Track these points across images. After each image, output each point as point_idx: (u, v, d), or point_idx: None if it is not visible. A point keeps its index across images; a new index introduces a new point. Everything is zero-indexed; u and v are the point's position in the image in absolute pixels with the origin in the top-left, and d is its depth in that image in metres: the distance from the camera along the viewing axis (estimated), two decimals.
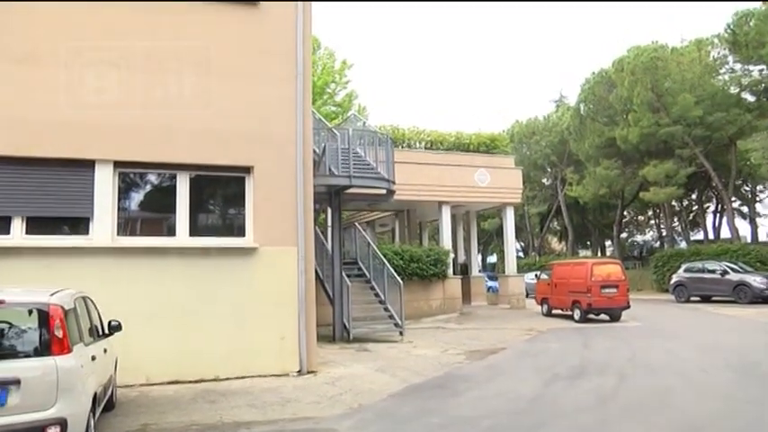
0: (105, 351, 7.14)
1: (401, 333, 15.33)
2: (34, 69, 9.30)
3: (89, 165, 9.51)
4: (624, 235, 53.89)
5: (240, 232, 10.37)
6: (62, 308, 5.70)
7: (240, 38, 10.55)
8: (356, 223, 21.31)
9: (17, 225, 9.16)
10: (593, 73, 40.41)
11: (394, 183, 15.73)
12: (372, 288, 16.44)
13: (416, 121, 64.79)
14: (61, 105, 9.34)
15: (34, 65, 9.31)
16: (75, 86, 9.43)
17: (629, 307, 19.30)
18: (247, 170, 10.37)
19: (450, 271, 22.31)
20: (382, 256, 16.57)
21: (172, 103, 9.92)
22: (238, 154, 10.25)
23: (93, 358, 6.35)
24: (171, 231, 10.02)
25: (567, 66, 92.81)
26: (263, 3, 10.68)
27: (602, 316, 19.57)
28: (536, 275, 24.96)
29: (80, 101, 9.44)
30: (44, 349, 5.42)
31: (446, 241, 22.88)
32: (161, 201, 10.31)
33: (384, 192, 15.82)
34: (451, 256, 22.79)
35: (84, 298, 6.99)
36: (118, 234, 9.67)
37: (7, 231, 9.12)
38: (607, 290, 18.85)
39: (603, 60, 76.77)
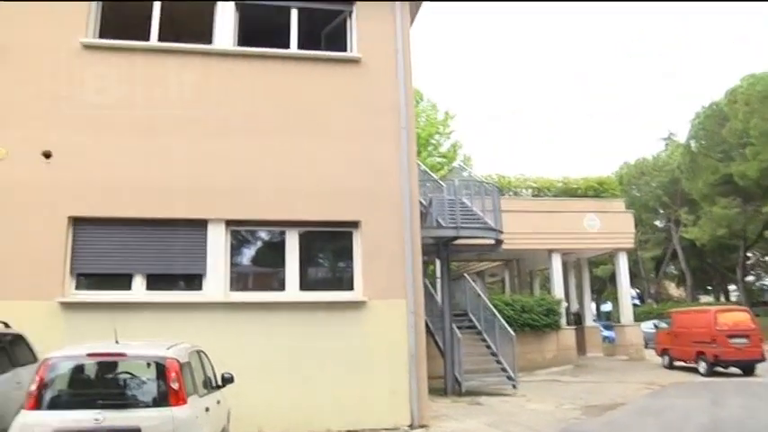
0: (218, 402, 7.24)
1: (514, 386, 14.76)
2: (154, 139, 10.01)
3: (202, 224, 9.97)
4: (750, 278, 50.11)
5: (349, 286, 10.38)
6: (178, 361, 5.91)
7: (343, 95, 10.82)
8: (465, 274, 20.98)
9: (138, 282, 9.70)
10: (703, 107, 38.67)
11: (501, 232, 15.41)
12: (483, 340, 16.00)
13: (521, 167, 64.04)
14: (177, 171, 9.95)
15: (154, 134, 10.03)
16: (189, 153, 10.05)
17: (764, 359, 17.61)
18: (355, 225, 10.45)
19: (564, 321, 21.44)
20: (493, 307, 16.17)
21: (278, 163, 10.29)
22: (345, 209, 10.37)
23: (207, 409, 6.46)
24: (281, 286, 10.21)
25: (674, 102, 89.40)
26: (365, 59, 10.91)
27: (732, 369, 17.97)
28: (654, 324, 23.56)
29: (194, 165, 10.01)
30: (162, 400, 5.63)
31: (558, 290, 22.08)
32: (271, 256, 10.59)
33: (492, 242, 15.52)
34: (564, 305, 21.94)
35: (198, 351, 7.19)
36: (230, 289, 9.95)
37: (129, 287, 9.67)
38: (736, 340, 17.34)
39: (713, 93, 73.33)
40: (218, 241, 9.93)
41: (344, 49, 11.22)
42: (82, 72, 10.12)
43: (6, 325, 8.12)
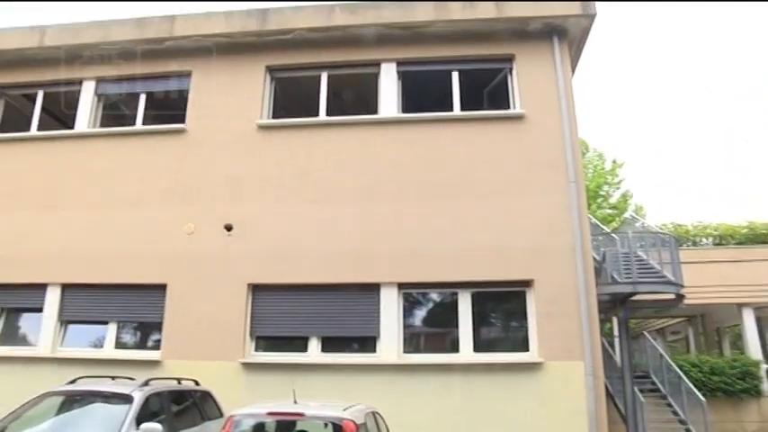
0: None
1: None
2: (326, 207, 10.58)
3: (375, 287, 10.20)
4: None
5: (523, 347, 10.02)
6: (354, 422, 5.93)
7: (508, 152, 10.74)
8: (644, 332, 19.59)
9: (314, 344, 10.09)
10: None
11: (682, 286, 14.26)
12: (669, 405, 14.68)
13: (699, 214, 59.46)
14: (349, 237, 10.36)
15: (326, 203, 10.59)
16: (360, 218, 10.45)
17: None
18: (528, 283, 10.15)
19: (766, 386, 19.20)
20: (677, 369, 14.87)
21: (448, 223, 10.34)
22: (518, 268, 10.12)
23: None
24: (454, 346, 10.07)
25: None
26: (528, 114, 10.81)
27: None
28: None
29: (365, 231, 10.37)
30: None
31: (753, 349, 19.88)
32: (443, 317, 10.53)
33: (672, 296, 14.40)
34: (764, 367, 19.68)
35: (374, 413, 7.19)
36: (403, 351, 9.97)
37: (305, 349, 10.08)
38: None
39: None
40: (390, 304, 10.08)
41: (507, 106, 11.19)
42: (258, 150, 11.03)
43: (196, 383, 8.92)
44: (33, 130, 12.48)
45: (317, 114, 11.19)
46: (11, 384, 10.45)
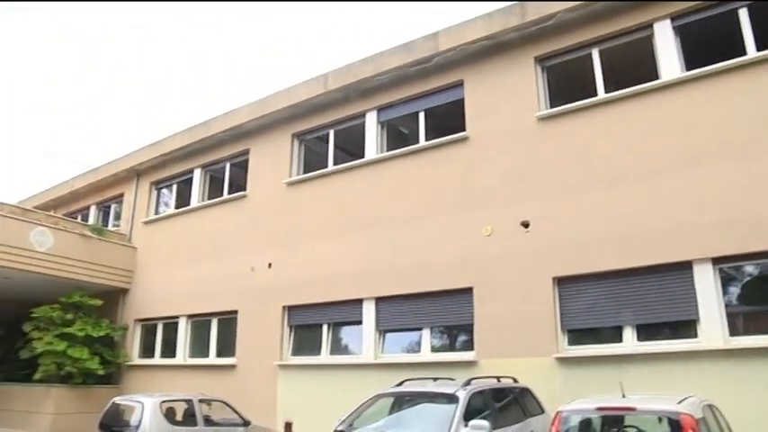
0: None
1: None
2: (614, 191, 9.96)
3: (686, 266, 9.19)
4: None
5: None
6: (692, 417, 5.43)
7: None
8: None
9: (628, 333, 9.46)
10: None
11: None
12: None
13: None
14: (644, 215, 9.58)
15: (615, 186, 9.97)
16: (652, 196, 9.61)
17: None
18: None
19: None
20: None
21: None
22: None
23: None
24: None
25: None
26: None
27: None
28: None
29: (663, 207, 9.47)
30: None
31: None
32: (763, 292, 9.11)
33: None
34: None
35: (710, 406, 6.51)
36: (729, 334, 8.80)
37: (619, 340, 9.52)
38: None
39: None
40: (706, 282, 9.00)
41: None
42: (540, 143, 10.90)
43: (515, 380, 9.00)
44: (330, 166, 13.96)
45: (594, 94, 10.64)
46: (340, 387, 11.89)
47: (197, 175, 17.44)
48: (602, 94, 10.54)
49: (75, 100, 69.62)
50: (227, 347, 14.89)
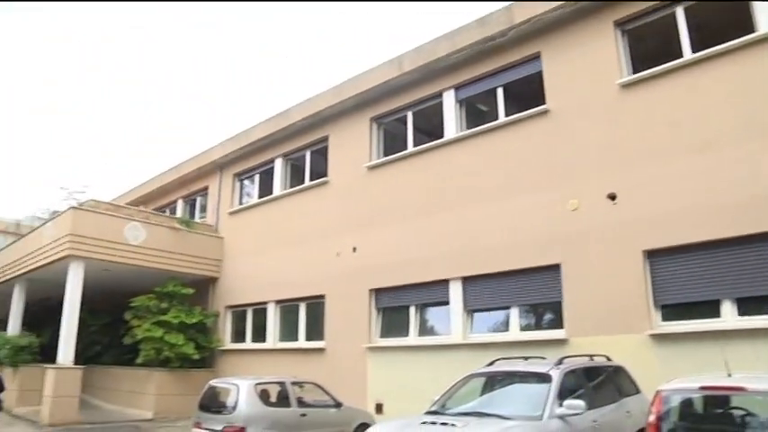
0: None
1: None
2: (711, 155, 9.31)
3: None
4: None
5: None
6: None
7: None
8: None
9: (727, 307, 8.91)
10: None
11: None
12: None
13: None
14: (740, 182, 8.97)
15: (709, 151, 9.34)
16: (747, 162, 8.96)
17: None
18: None
19: None
20: None
21: None
22: None
23: None
24: None
25: None
26: None
27: None
28: None
29: (760, 172, 8.83)
30: None
31: None
32: None
33: None
34: None
35: None
36: None
37: (717, 315, 8.97)
38: None
39: None
40: None
41: None
42: (624, 112, 10.44)
43: (608, 358, 8.64)
44: (410, 147, 13.93)
45: (679, 56, 10.03)
46: (428, 368, 11.93)
47: (278, 165, 17.83)
48: (687, 54, 9.93)
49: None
50: (315, 331, 15.22)
